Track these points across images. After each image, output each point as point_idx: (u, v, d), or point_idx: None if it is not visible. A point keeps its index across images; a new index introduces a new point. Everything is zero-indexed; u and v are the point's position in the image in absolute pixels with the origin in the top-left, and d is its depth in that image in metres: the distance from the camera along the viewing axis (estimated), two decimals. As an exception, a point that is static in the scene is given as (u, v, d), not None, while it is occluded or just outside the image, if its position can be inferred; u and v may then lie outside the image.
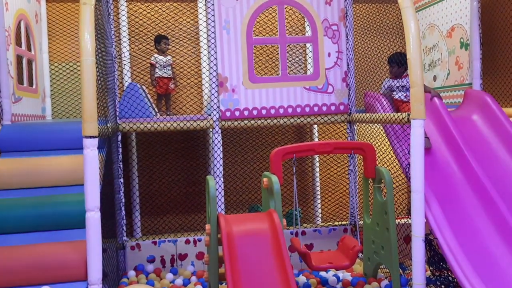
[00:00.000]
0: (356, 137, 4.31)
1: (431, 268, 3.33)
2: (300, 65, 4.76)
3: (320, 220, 5.03)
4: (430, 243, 3.15)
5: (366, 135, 4.48)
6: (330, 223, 4.57)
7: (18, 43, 4.15)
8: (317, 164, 5.09)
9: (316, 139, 5.04)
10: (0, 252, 2.86)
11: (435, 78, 4.89)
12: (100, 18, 3.35)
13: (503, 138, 3.62)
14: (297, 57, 4.68)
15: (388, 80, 3.94)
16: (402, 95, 3.80)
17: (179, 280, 3.76)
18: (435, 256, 3.19)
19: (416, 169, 3.00)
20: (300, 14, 4.30)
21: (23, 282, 2.77)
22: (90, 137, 2.73)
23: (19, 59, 4.14)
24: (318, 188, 5.09)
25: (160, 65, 4.38)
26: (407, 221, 4.15)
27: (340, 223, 4.52)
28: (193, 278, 3.81)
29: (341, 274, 3.85)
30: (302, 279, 3.73)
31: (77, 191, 3.13)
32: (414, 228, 3.01)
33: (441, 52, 4.77)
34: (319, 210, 5.05)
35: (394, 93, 3.86)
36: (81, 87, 2.67)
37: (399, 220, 3.95)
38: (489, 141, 3.69)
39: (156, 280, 3.83)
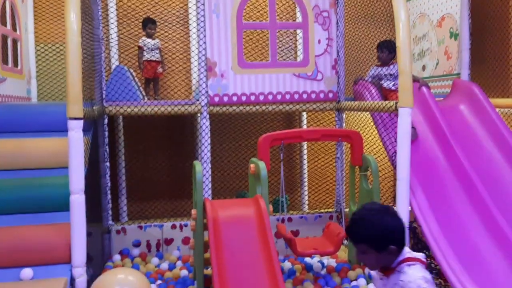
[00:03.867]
0: (344, 125, 4.32)
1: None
2: (290, 52, 4.73)
3: (307, 207, 5.05)
4: (414, 230, 3.18)
5: (354, 123, 4.49)
6: (317, 210, 4.59)
7: (3, 22, 4.06)
8: (305, 152, 5.10)
9: (305, 127, 5.04)
10: (-18, 233, 2.82)
11: (424, 67, 4.91)
12: (87, -2, 3.28)
13: (489, 128, 3.65)
14: (287, 43, 4.64)
15: (376, 68, 3.92)
16: (391, 83, 3.80)
17: (164, 265, 3.76)
18: (418, 244, 3.22)
19: (402, 157, 3.02)
20: (290, -1, 4.27)
21: (4, 263, 2.74)
22: (75, 118, 2.69)
23: (3, 38, 4.04)
24: (306, 176, 5.10)
25: (148, 48, 4.32)
26: (393, 209, 4.19)
27: (326, 210, 4.55)
28: (179, 263, 3.82)
29: (326, 260, 3.88)
30: (287, 265, 3.75)
31: (61, 174, 3.09)
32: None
33: (431, 41, 4.78)
34: (306, 198, 5.07)
35: (383, 81, 3.86)
36: (66, 67, 2.63)
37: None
38: (475, 131, 3.72)
39: (142, 264, 3.83)
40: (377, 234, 1.68)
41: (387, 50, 3.83)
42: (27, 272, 2.71)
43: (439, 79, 4.63)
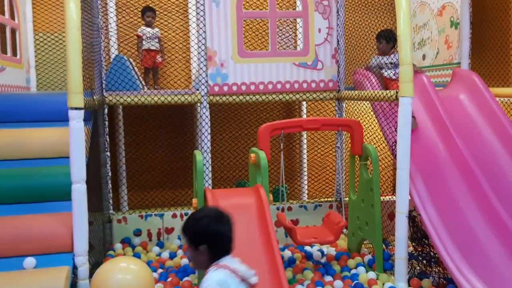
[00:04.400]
0: (344, 114, 4.32)
1: (413, 244, 3.39)
2: (290, 41, 4.71)
3: (306, 196, 5.07)
4: (413, 219, 3.20)
5: (354, 112, 4.49)
6: (316, 200, 4.62)
7: (1, 11, 4.03)
8: (305, 141, 5.11)
9: (305, 116, 5.04)
10: (-16, 223, 2.83)
11: (424, 57, 4.89)
12: (85, -13, 3.26)
13: (488, 118, 3.65)
14: (287, 32, 4.62)
15: (377, 58, 3.91)
16: (391, 72, 3.80)
17: (165, 253, 3.79)
18: (417, 232, 3.25)
19: (402, 146, 3.03)
20: (291, -12, 4.24)
21: (7, 253, 2.75)
22: (76, 108, 2.69)
23: (2, 27, 4.02)
24: (305, 165, 5.12)
25: (147, 37, 4.29)
26: (392, 198, 4.22)
27: (326, 199, 4.57)
28: (179, 252, 3.85)
29: (326, 249, 3.91)
30: (287, 253, 3.78)
31: (62, 164, 3.10)
32: (398, 204, 3.06)
33: (431, 30, 4.76)
34: (306, 187, 5.09)
35: (383, 70, 3.85)
36: (66, 57, 2.62)
37: (384, 197, 4.00)
38: (475, 120, 3.72)
39: (143, 253, 3.86)
40: (194, 232, 1.84)
41: (385, 40, 3.83)
42: (30, 261, 2.73)
43: (439, 69, 4.62)
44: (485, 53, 4.38)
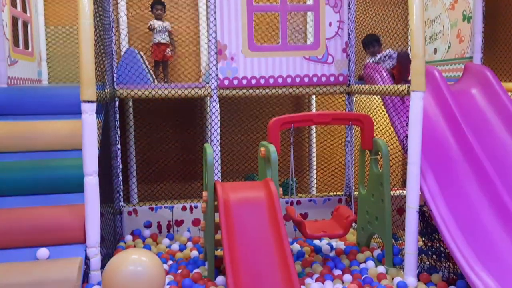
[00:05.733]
0: (354, 108, 4.31)
1: (423, 238, 3.39)
2: (300, 34, 4.69)
3: (315, 190, 5.08)
4: (423, 214, 3.20)
5: (364, 107, 4.48)
6: (325, 194, 4.62)
7: (14, 4, 4.06)
8: (314, 135, 5.11)
9: (314, 110, 5.03)
10: (-2, 214, 2.88)
11: (435, 51, 4.85)
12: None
13: (501, 113, 3.62)
14: (298, 26, 4.60)
15: (371, 58, 3.96)
16: (389, 64, 3.82)
17: (175, 245, 3.82)
18: (427, 227, 3.24)
19: (413, 141, 3.02)
20: (302, -19, 4.22)
21: (21, 243, 2.81)
22: (88, 101, 2.71)
23: (14, 20, 4.05)
24: (314, 159, 5.12)
25: (157, 31, 4.29)
26: (402, 193, 4.20)
27: (335, 193, 4.57)
28: (189, 244, 3.88)
29: (335, 242, 3.92)
30: (296, 247, 3.79)
31: (74, 156, 3.14)
32: (409, 199, 3.06)
33: (443, 24, 4.71)
34: (314, 181, 5.09)
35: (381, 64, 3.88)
36: (79, 50, 2.64)
37: (394, 192, 4.00)
38: (487, 115, 3.69)
39: (153, 245, 3.89)
40: None
41: (377, 44, 3.95)
42: (43, 252, 2.78)
43: (450, 63, 4.58)
44: (497, 47, 4.33)
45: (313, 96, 5.01)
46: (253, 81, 4.02)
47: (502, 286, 2.66)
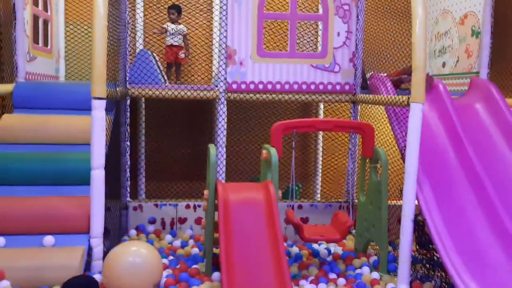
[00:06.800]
0: (359, 117, 4.39)
1: (417, 247, 3.45)
2: (309, 43, 4.78)
3: (320, 197, 5.15)
4: (419, 223, 3.26)
5: (370, 116, 4.55)
6: (327, 200, 4.69)
7: (35, 2, 4.25)
8: (320, 143, 5.19)
9: (322, 117, 5.12)
10: (8, 201, 3.04)
11: (444, 64, 4.90)
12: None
13: (503, 129, 3.65)
14: (307, 34, 4.69)
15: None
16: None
17: (177, 242, 3.94)
18: (422, 237, 3.30)
19: (411, 151, 3.09)
20: (312, -9, 4.33)
21: (29, 230, 2.96)
22: (98, 98, 2.85)
23: (35, 19, 4.24)
24: (320, 166, 5.20)
25: (170, 33, 4.42)
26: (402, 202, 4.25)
27: (336, 200, 4.64)
28: (191, 241, 3.99)
29: (333, 248, 3.99)
30: (295, 250, 3.88)
31: (83, 150, 3.28)
32: (405, 208, 3.12)
33: (452, 38, 4.77)
34: (319, 187, 5.17)
35: None
36: (92, 49, 2.78)
37: (395, 202, 4.05)
38: (489, 130, 3.73)
39: (156, 240, 4.01)
40: None
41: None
42: (49, 239, 2.92)
43: (457, 77, 4.63)
44: (505, 63, 4.37)
45: (321, 104, 5.09)
46: (261, 86, 4.13)
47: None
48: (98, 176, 2.92)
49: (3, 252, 2.80)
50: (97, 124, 2.89)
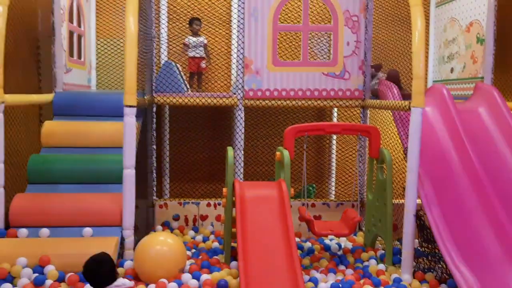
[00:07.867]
0: (368, 121, 4.66)
1: (419, 240, 3.70)
2: (323, 51, 5.07)
3: (334, 197, 5.43)
4: (420, 219, 3.51)
5: (379, 120, 4.82)
6: (339, 198, 4.97)
7: (71, 19, 4.68)
8: (334, 146, 5.48)
9: (336, 121, 5.41)
10: (51, 197, 3.45)
11: (452, 70, 5.14)
12: (143, 2, 3.82)
13: (504, 132, 3.82)
14: (320, 44, 4.99)
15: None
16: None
17: (199, 237, 4.29)
18: (424, 231, 3.55)
19: (412, 151, 3.36)
20: (323, 4, 4.64)
21: (70, 223, 3.36)
22: (130, 106, 3.23)
23: (71, 34, 4.67)
24: (334, 168, 5.48)
25: (192, 46, 4.80)
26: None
27: (348, 199, 4.92)
28: (212, 236, 4.33)
29: (343, 242, 4.27)
30: (307, 244, 4.17)
31: (116, 153, 3.66)
32: (407, 203, 3.39)
33: (459, 45, 5.00)
34: (333, 188, 5.45)
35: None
36: (125, 64, 3.16)
37: (403, 201, 4.28)
38: (491, 134, 3.89)
39: (180, 235, 4.37)
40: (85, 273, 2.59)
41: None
42: (87, 231, 3.31)
43: (464, 82, 4.86)
44: (508, 69, 4.58)
45: (335, 109, 5.39)
46: (276, 93, 4.46)
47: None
48: (129, 174, 3.29)
49: (48, 241, 3.20)
50: (128, 128, 3.26)
